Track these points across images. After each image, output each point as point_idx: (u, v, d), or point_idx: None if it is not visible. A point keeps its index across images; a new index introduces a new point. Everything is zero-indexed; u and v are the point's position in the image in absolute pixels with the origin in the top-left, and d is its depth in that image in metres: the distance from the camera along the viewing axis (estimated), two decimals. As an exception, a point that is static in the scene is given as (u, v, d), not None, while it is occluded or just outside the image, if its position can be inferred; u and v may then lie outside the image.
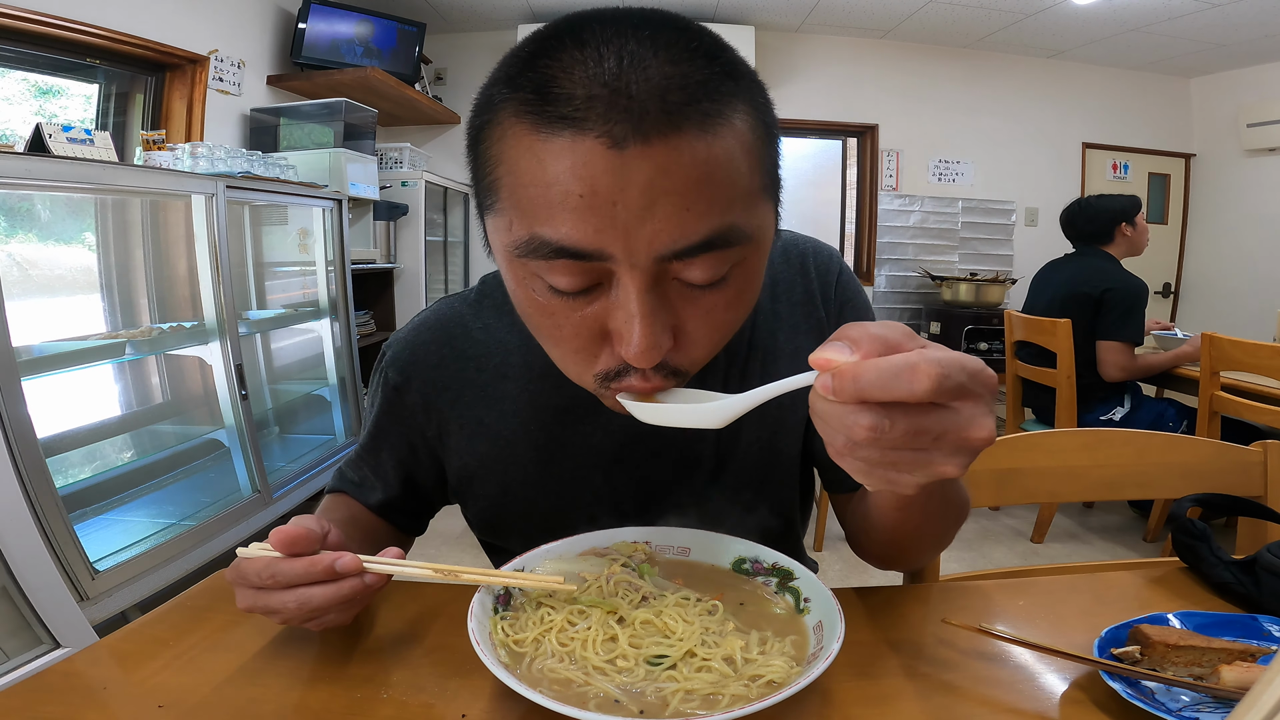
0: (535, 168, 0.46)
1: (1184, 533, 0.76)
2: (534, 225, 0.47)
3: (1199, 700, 0.53)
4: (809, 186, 5.01)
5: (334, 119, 3.38)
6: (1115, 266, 2.74)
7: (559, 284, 0.49)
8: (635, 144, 0.43)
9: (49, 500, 1.65)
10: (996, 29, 4.32)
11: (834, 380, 0.39)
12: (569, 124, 0.44)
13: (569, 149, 0.44)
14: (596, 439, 0.74)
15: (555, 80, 0.45)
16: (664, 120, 0.44)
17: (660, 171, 0.44)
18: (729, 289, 0.51)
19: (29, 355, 1.79)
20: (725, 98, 0.46)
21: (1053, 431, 1.02)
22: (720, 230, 0.47)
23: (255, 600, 0.56)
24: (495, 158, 0.49)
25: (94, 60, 2.68)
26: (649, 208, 0.45)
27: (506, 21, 4.33)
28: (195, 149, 2.37)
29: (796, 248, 0.79)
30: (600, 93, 0.43)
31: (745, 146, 0.48)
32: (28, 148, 1.86)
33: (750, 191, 0.49)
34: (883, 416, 0.38)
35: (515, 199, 0.48)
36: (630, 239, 0.45)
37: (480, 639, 0.50)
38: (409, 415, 0.77)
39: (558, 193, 0.45)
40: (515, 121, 0.47)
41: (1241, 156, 4.72)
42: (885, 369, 0.38)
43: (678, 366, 0.54)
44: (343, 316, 3.10)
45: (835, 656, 0.49)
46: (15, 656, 1.55)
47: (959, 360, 0.38)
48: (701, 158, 0.45)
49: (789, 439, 0.79)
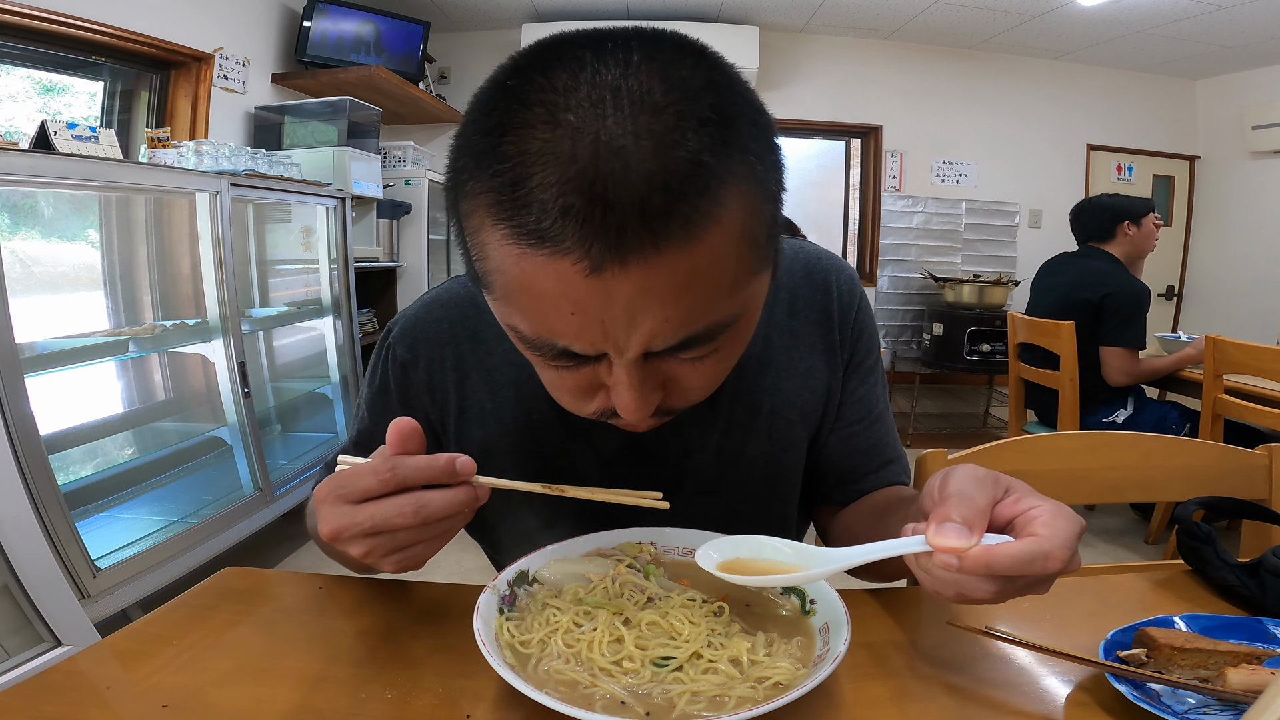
0: (522, 276, 0.45)
1: (1189, 535, 0.76)
2: (534, 329, 0.48)
3: (1204, 703, 0.53)
4: (812, 187, 5.01)
5: (338, 117, 3.38)
6: (1116, 269, 2.73)
7: (558, 365, 0.52)
8: (613, 267, 0.42)
9: (51, 497, 1.66)
10: (1001, 30, 4.32)
11: (962, 562, 0.45)
12: (547, 243, 0.42)
13: (550, 267, 0.43)
14: (596, 438, 0.74)
15: (526, 179, 0.41)
16: (643, 235, 0.41)
17: (640, 291, 0.43)
18: (719, 353, 0.53)
19: (32, 352, 1.79)
20: (714, 187, 0.43)
21: (1056, 434, 1.02)
22: (701, 331, 0.48)
23: (354, 517, 0.48)
24: (480, 250, 0.48)
25: (99, 58, 2.69)
26: (631, 321, 0.45)
27: (511, 21, 4.33)
28: (200, 147, 2.38)
29: (820, 265, 0.79)
30: (576, 203, 0.40)
31: (735, 236, 0.45)
32: (33, 145, 1.86)
33: (737, 281, 0.48)
34: (1006, 584, 0.45)
35: (511, 300, 0.48)
36: (619, 343, 0.47)
37: (486, 640, 0.50)
38: (414, 394, 0.76)
39: (549, 306, 0.45)
40: (493, 223, 0.44)
41: (1246, 159, 4.71)
42: (1019, 559, 0.44)
43: (669, 409, 0.56)
44: (345, 315, 3.10)
45: (842, 658, 0.49)
46: (16, 654, 1.56)
47: (1074, 532, 0.46)
48: (683, 270, 0.43)
49: (794, 456, 0.78)
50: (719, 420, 0.74)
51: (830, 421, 0.79)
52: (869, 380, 0.80)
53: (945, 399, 5.03)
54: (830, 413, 0.79)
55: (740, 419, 0.75)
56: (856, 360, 0.79)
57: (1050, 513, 0.46)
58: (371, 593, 0.71)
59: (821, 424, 0.79)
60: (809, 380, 0.76)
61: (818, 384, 0.77)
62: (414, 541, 0.51)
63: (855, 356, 0.79)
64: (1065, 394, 2.65)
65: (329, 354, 3.16)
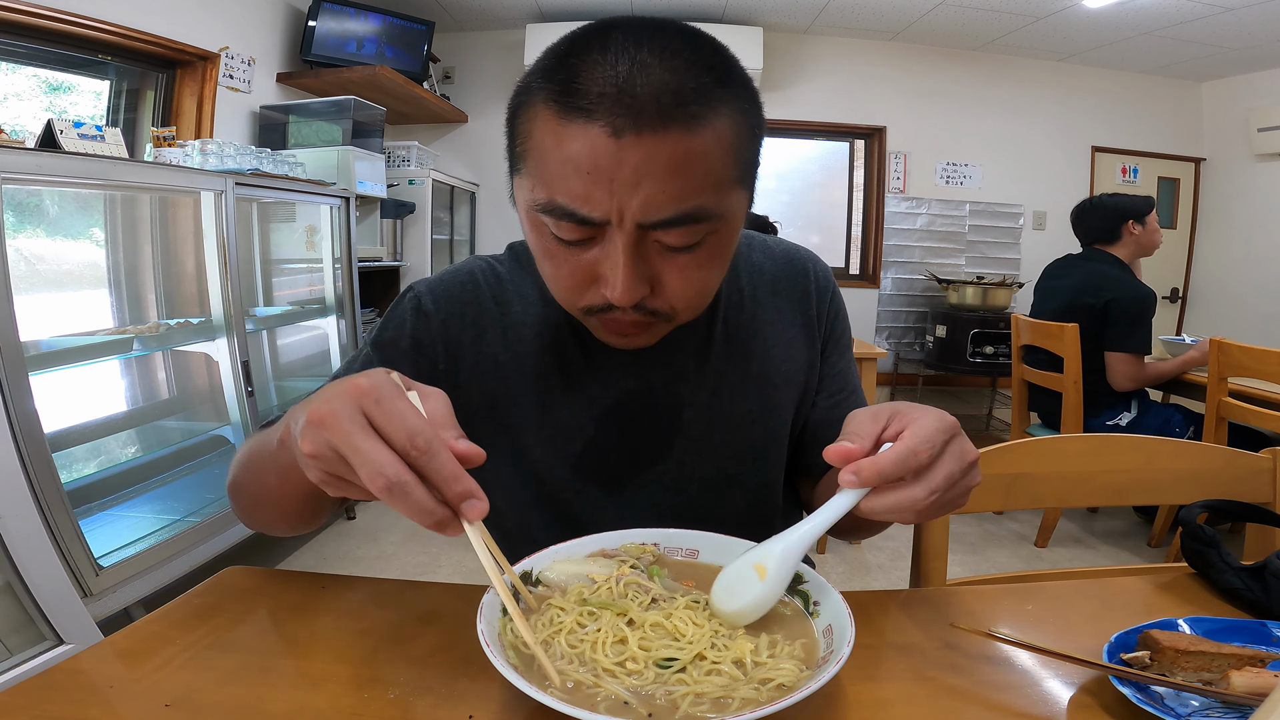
0: (555, 146, 0.57)
1: (1193, 538, 0.76)
2: (551, 192, 0.59)
3: (1208, 705, 0.53)
4: (816, 188, 5.01)
5: (342, 117, 3.39)
6: (1121, 273, 2.72)
7: (563, 235, 0.61)
8: (630, 135, 0.55)
9: (54, 495, 1.66)
10: (1006, 32, 4.31)
11: (861, 475, 0.52)
12: (583, 114, 0.55)
13: (581, 133, 0.56)
14: (594, 391, 0.79)
15: (578, 78, 0.56)
16: (655, 118, 0.55)
17: (648, 158, 0.55)
18: (701, 252, 0.63)
19: (37, 350, 1.80)
20: (712, 104, 0.57)
21: (1059, 437, 1.01)
22: (690, 210, 0.58)
23: (351, 439, 0.45)
24: (526, 133, 0.61)
25: (105, 57, 2.70)
26: (636, 184, 0.56)
27: (515, 21, 4.34)
28: (205, 146, 2.38)
29: (799, 255, 0.89)
30: (610, 91, 0.55)
31: (724, 144, 0.59)
32: (39, 143, 1.86)
33: (723, 180, 0.60)
34: (916, 488, 0.52)
35: (538, 168, 0.60)
36: (620, 207, 0.57)
37: (489, 640, 0.50)
38: (429, 343, 0.78)
39: (570, 168, 0.57)
40: (544, 107, 0.58)
41: (1251, 161, 4.70)
42: (896, 458, 0.52)
43: (655, 309, 0.65)
44: (349, 314, 3.11)
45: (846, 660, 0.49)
46: (18, 653, 1.56)
47: (936, 427, 0.53)
48: (681, 151, 0.56)
49: (780, 419, 0.84)
50: (709, 379, 0.81)
51: (812, 393, 0.87)
52: (845, 357, 0.90)
53: (948, 401, 5.02)
54: (812, 384, 0.86)
55: (730, 379, 0.81)
56: (834, 338, 0.88)
57: (917, 419, 0.54)
58: (374, 592, 0.72)
59: (804, 394, 0.86)
60: (792, 350, 0.84)
61: (800, 354, 0.85)
62: (358, 487, 0.47)
63: (833, 334, 0.88)
64: (1069, 397, 2.65)
65: (332, 353, 3.17)
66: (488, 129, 4.63)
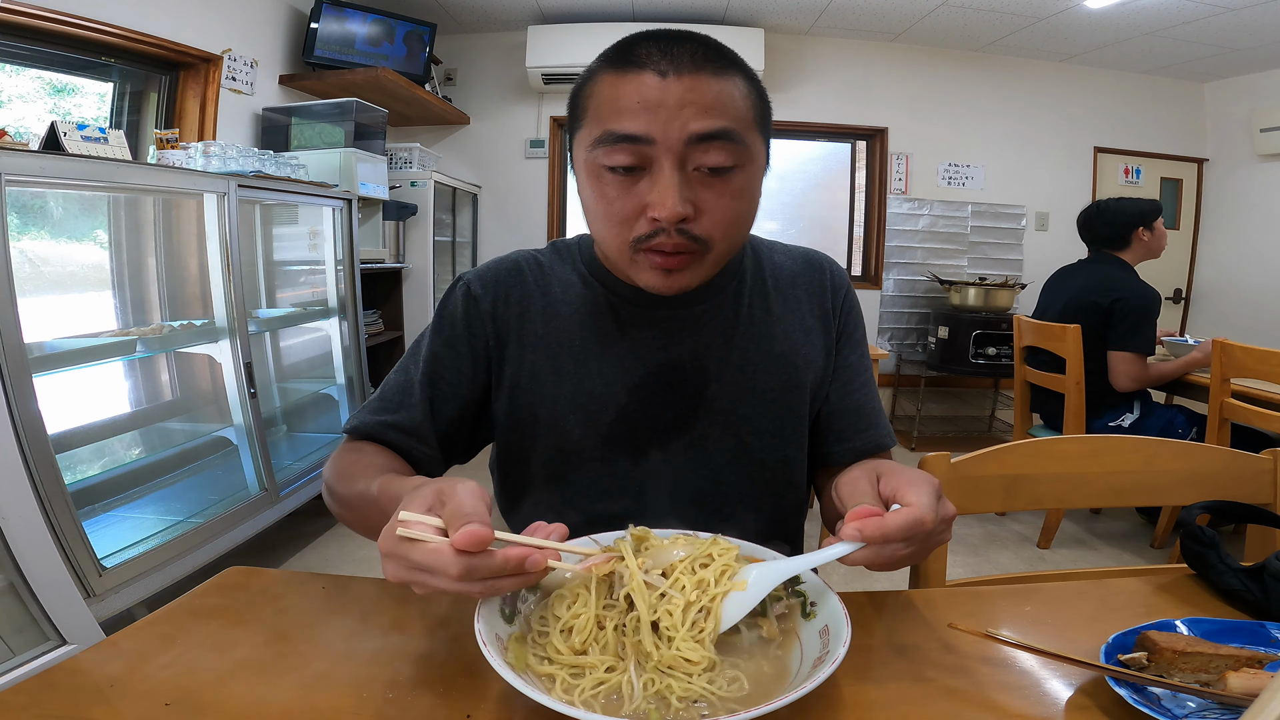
0: (611, 92, 0.73)
1: (1192, 539, 0.76)
2: (605, 124, 0.72)
3: (1205, 706, 0.53)
4: (817, 189, 5.00)
5: (345, 119, 3.39)
6: (1128, 275, 2.72)
7: (617, 162, 0.72)
8: (673, 76, 0.71)
9: (58, 496, 1.66)
10: (1008, 33, 4.30)
11: (866, 535, 0.55)
12: (635, 66, 0.72)
13: (634, 79, 0.71)
14: (628, 363, 0.86)
15: (630, 49, 0.73)
16: (691, 65, 0.71)
17: (688, 90, 0.70)
18: (734, 182, 0.74)
19: (40, 352, 1.80)
20: (730, 69, 0.74)
21: (1061, 438, 1.01)
22: (725, 128, 0.71)
23: (421, 579, 0.53)
24: (588, 93, 0.76)
25: (109, 59, 2.71)
26: (680, 109, 0.70)
27: (516, 22, 4.34)
28: (208, 148, 2.39)
29: (816, 256, 0.98)
30: (654, 52, 0.72)
31: (743, 94, 0.75)
32: (42, 146, 1.87)
33: (746, 119, 0.74)
34: (908, 544, 0.56)
35: (596, 111, 0.74)
36: (667, 128, 0.70)
37: (487, 639, 0.51)
38: (478, 322, 0.88)
39: (625, 103, 0.71)
40: (603, 70, 0.75)
41: (1254, 161, 4.68)
42: (905, 525, 0.55)
43: (695, 234, 0.74)
44: (351, 316, 3.11)
45: (841, 661, 0.49)
46: (21, 653, 1.56)
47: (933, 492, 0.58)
48: (713, 89, 0.71)
49: (799, 397, 0.90)
50: (734, 355, 0.88)
51: (828, 379, 0.93)
52: (858, 351, 0.95)
53: (951, 402, 5.01)
54: (828, 371, 0.93)
55: (753, 357, 0.88)
56: (847, 332, 0.95)
57: (911, 485, 0.59)
58: (374, 593, 0.72)
59: (821, 379, 0.92)
60: (810, 336, 0.92)
61: (817, 341, 0.92)
62: None
63: (846, 328, 0.95)
64: (1071, 397, 2.65)
65: (335, 355, 3.17)
66: (489, 130, 4.63)
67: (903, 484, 0.59)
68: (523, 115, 4.62)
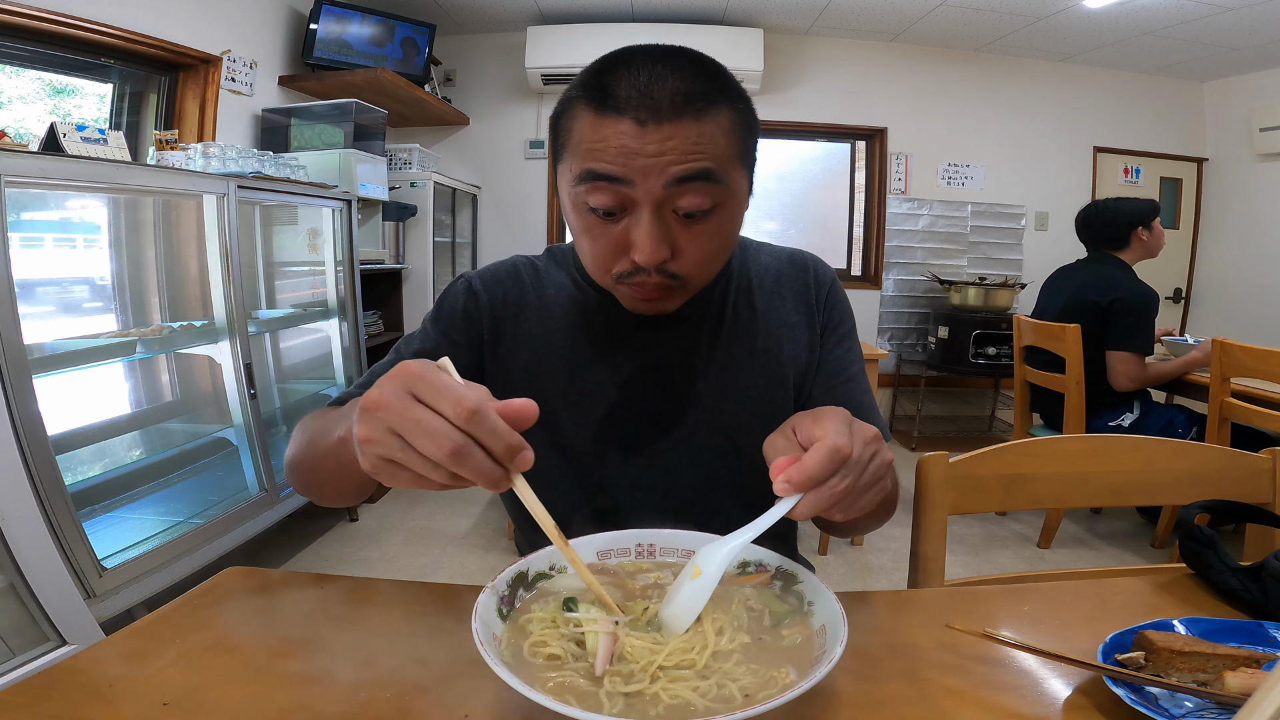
0: (592, 134, 0.71)
1: (1191, 539, 0.76)
2: (585, 163, 0.72)
3: (1203, 706, 0.53)
4: (817, 189, 5.00)
5: (344, 119, 3.39)
6: (1127, 275, 2.72)
7: (598, 203, 0.72)
8: (652, 125, 0.69)
9: (58, 497, 1.67)
10: (1007, 32, 4.31)
11: (794, 483, 0.55)
12: (614, 110, 0.70)
13: (614, 124, 0.70)
14: (618, 363, 0.88)
15: (610, 86, 0.71)
16: (670, 113, 0.69)
17: (667, 138, 0.69)
18: (711, 223, 0.74)
19: (40, 353, 1.80)
20: (715, 104, 0.71)
21: (1061, 437, 1.02)
22: (704, 169, 0.70)
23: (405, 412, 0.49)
24: (569, 129, 0.75)
25: (108, 60, 2.71)
26: (658, 156, 0.69)
27: (516, 23, 4.34)
28: (207, 149, 2.39)
29: (801, 255, 0.99)
30: (634, 95, 0.69)
31: (725, 132, 0.72)
32: (42, 147, 1.87)
33: (726, 158, 0.73)
34: (842, 481, 0.55)
35: (576, 148, 0.73)
36: (646, 177, 0.69)
37: (484, 640, 0.51)
38: (475, 315, 0.90)
39: (604, 147, 0.70)
40: (583, 109, 0.73)
41: (1254, 161, 4.68)
42: (822, 460, 0.55)
43: (675, 272, 0.75)
44: (351, 316, 3.11)
45: (838, 660, 0.49)
46: (21, 653, 1.56)
47: (843, 418, 0.58)
48: (693, 133, 0.70)
49: (783, 394, 0.91)
50: (720, 354, 0.90)
51: (813, 376, 0.94)
52: (844, 345, 0.96)
53: (951, 402, 5.01)
54: (812, 366, 0.94)
55: (738, 355, 0.90)
56: (832, 325, 0.96)
57: (820, 421, 0.58)
58: (373, 593, 0.72)
59: (805, 374, 0.93)
60: (794, 332, 0.93)
61: (801, 337, 0.94)
62: (409, 471, 0.50)
63: (831, 322, 0.96)
64: (1071, 397, 2.65)
65: (334, 356, 3.17)
66: (489, 131, 4.64)
67: (808, 423, 0.59)
68: (522, 116, 4.62)
